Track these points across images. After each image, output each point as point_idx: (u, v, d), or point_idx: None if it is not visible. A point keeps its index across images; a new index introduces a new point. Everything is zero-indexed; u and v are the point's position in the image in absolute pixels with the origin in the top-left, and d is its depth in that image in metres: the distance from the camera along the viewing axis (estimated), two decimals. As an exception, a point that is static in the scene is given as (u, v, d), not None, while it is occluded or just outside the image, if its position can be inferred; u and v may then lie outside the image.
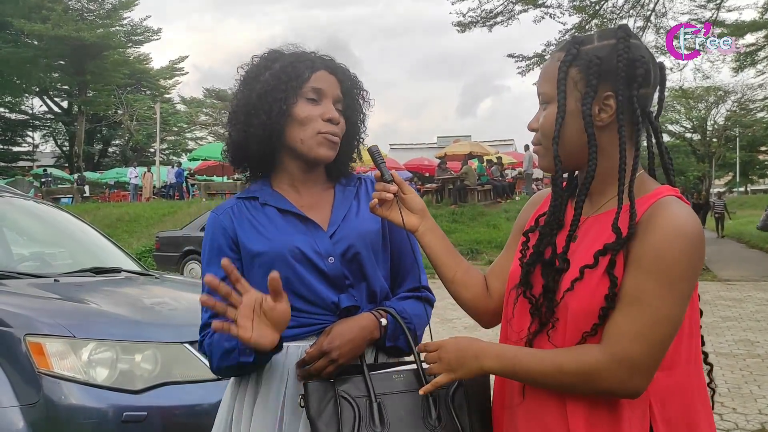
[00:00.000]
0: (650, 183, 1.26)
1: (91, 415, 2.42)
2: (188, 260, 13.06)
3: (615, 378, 1.11)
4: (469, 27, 18.62)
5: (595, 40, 1.24)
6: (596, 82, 1.20)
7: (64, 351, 2.49)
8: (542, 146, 1.30)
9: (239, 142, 1.56)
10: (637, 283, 1.12)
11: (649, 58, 1.23)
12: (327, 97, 1.54)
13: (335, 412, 1.38)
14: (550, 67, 1.27)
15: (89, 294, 3.11)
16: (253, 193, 1.58)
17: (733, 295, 10.31)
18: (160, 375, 2.59)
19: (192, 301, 3.50)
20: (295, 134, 1.51)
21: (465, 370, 1.24)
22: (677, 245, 1.11)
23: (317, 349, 1.42)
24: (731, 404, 4.80)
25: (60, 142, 45.24)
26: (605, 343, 1.13)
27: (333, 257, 1.50)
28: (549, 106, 1.27)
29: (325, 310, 1.49)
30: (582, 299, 1.17)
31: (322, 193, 1.60)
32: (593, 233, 1.23)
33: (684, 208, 1.17)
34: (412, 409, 1.40)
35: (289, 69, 1.52)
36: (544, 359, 1.17)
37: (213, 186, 25.98)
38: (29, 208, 4.36)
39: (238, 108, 1.55)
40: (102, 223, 18.46)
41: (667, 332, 1.12)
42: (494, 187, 21.14)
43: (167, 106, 42.61)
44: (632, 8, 17.96)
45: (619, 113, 1.20)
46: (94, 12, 37.47)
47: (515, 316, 1.32)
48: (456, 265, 1.46)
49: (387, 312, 1.52)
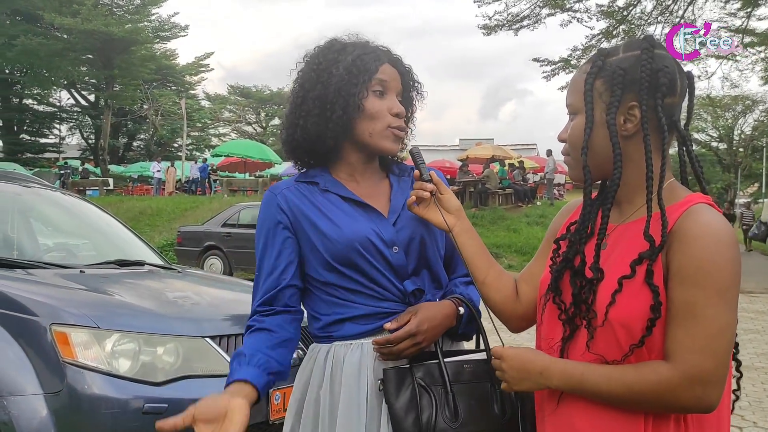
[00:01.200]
0: (681, 190, 1.26)
1: (112, 405, 2.45)
2: (208, 255, 13.18)
3: (691, 395, 1.12)
4: (494, 30, 18.55)
5: (621, 52, 1.26)
6: (620, 92, 1.22)
7: (88, 341, 2.53)
8: (571, 157, 1.32)
9: (315, 134, 1.54)
10: (686, 297, 1.12)
11: (675, 68, 1.23)
12: (391, 90, 1.56)
13: (413, 398, 1.42)
14: (578, 79, 1.30)
15: (114, 286, 3.15)
16: (312, 178, 1.59)
17: (757, 308, 10.18)
18: (181, 368, 2.62)
19: (214, 296, 3.54)
20: (365, 127, 1.53)
21: (529, 384, 1.25)
22: (719, 254, 1.12)
23: (406, 331, 1.44)
24: (752, 418, 4.74)
25: (86, 135, 45.84)
26: (672, 360, 1.13)
27: (397, 247, 1.52)
28: (576, 118, 1.29)
29: (393, 296, 1.52)
30: (623, 310, 1.17)
31: (378, 183, 1.62)
32: (625, 242, 1.23)
33: (717, 216, 1.17)
34: (480, 399, 1.46)
35: (359, 62, 1.52)
36: (613, 379, 1.16)
37: (235, 182, 26.15)
38: (56, 200, 4.42)
39: (309, 100, 1.54)
40: (125, 216, 18.67)
41: (728, 341, 1.13)
42: (515, 191, 21.06)
43: (192, 102, 42.98)
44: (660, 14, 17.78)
45: (643, 122, 1.21)
46: (123, 7, 37.89)
47: (544, 323, 1.34)
48: (489, 267, 1.47)
49: (463, 301, 1.56)
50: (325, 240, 1.50)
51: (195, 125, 44.19)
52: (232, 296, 3.58)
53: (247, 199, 20.03)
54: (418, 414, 1.41)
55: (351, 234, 1.50)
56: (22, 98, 42.35)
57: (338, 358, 1.51)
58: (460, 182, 20.87)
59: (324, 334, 1.55)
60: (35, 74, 38.46)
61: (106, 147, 34.97)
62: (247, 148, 27.99)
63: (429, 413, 1.41)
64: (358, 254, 1.49)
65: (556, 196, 22.59)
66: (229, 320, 2.95)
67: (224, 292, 3.75)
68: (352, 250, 1.49)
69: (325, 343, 1.54)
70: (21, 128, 42.95)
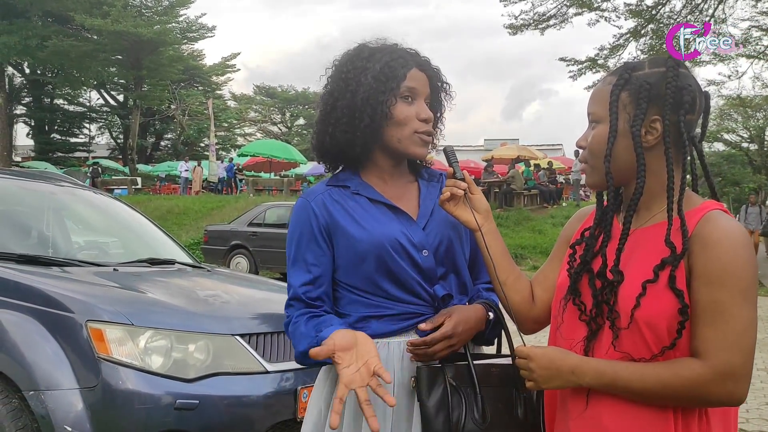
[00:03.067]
0: (695, 198, 1.34)
1: (146, 400, 2.51)
2: (235, 254, 13.31)
3: (723, 390, 1.19)
4: (521, 30, 18.43)
5: (646, 67, 1.32)
6: (646, 105, 1.28)
7: (122, 338, 2.59)
8: (589, 164, 1.38)
9: (344, 141, 1.57)
10: (713, 297, 1.19)
11: (696, 87, 1.31)
12: (420, 95, 1.59)
13: (444, 398, 1.45)
14: (602, 89, 1.36)
15: (146, 284, 3.21)
16: (343, 182, 1.63)
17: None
18: (212, 365, 2.67)
19: (243, 294, 3.59)
20: (393, 133, 1.56)
21: (559, 382, 1.29)
22: (740, 257, 1.20)
23: (442, 333, 1.47)
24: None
25: (115, 135, 46.51)
26: (704, 358, 1.19)
27: (427, 250, 1.55)
28: (598, 126, 1.35)
29: (421, 300, 1.55)
30: (647, 310, 1.22)
31: (407, 186, 1.66)
32: (643, 246, 1.29)
33: (733, 222, 1.27)
34: (506, 403, 1.49)
35: (387, 69, 1.55)
36: (646, 376, 1.21)
37: (260, 182, 26.36)
38: (88, 198, 4.52)
39: (338, 108, 1.57)
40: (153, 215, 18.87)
41: (753, 336, 1.20)
42: (541, 192, 20.91)
43: (218, 102, 43.36)
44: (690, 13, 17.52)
45: (665, 136, 1.27)
46: (151, 9, 38.36)
47: (564, 322, 1.38)
48: (510, 269, 1.52)
49: (491, 306, 1.59)
50: (356, 243, 1.53)
51: (221, 125, 44.60)
52: (261, 295, 3.63)
53: (273, 198, 20.20)
54: (449, 413, 1.44)
55: (381, 236, 1.53)
56: (53, 98, 43.09)
57: None
58: (484, 182, 20.78)
59: None
60: (66, 75, 39.09)
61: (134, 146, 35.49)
62: (273, 147, 28.20)
63: (459, 413, 1.45)
64: (388, 256, 1.52)
65: (582, 197, 22.37)
66: (258, 319, 2.99)
67: (253, 291, 3.80)
68: (383, 252, 1.52)
69: None
70: (52, 128, 43.70)
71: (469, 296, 1.64)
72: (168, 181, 33.18)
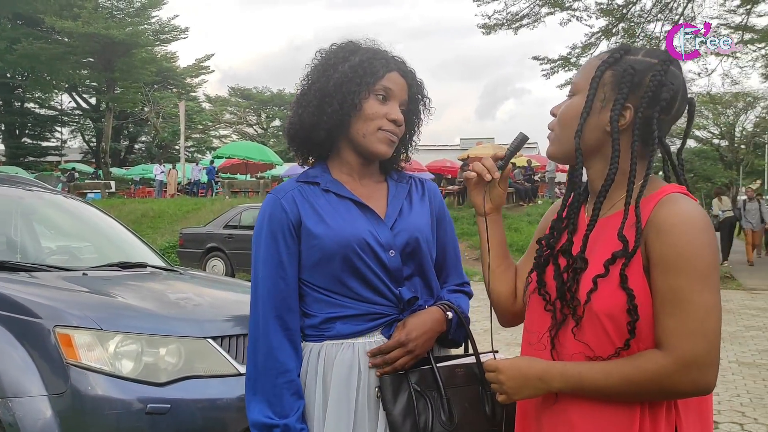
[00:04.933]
0: (657, 182, 1.29)
1: (116, 405, 2.48)
2: (211, 257, 13.22)
3: (688, 379, 1.14)
4: (494, 29, 18.54)
5: (641, 54, 1.29)
6: (627, 90, 1.24)
7: (91, 343, 2.55)
8: (555, 133, 1.35)
9: (309, 124, 1.58)
10: (671, 285, 1.15)
11: (678, 89, 1.27)
12: (395, 98, 1.59)
13: (410, 404, 1.45)
14: (591, 62, 1.33)
15: (116, 288, 3.18)
16: (313, 178, 1.62)
17: (758, 305, 10.17)
18: (184, 369, 2.64)
19: (215, 297, 3.57)
20: (359, 128, 1.56)
21: (529, 392, 1.27)
22: (697, 240, 1.16)
23: (396, 341, 1.49)
24: (753, 414, 4.76)
25: (88, 138, 45.92)
26: (666, 348, 1.16)
27: (394, 250, 1.55)
28: (574, 98, 1.32)
29: (386, 300, 1.54)
30: (605, 302, 1.20)
31: (376, 186, 1.66)
32: (604, 236, 1.26)
33: (691, 204, 1.21)
34: (472, 401, 1.50)
35: (366, 64, 1.56)
36: (611, 374, 1.18)
37: (236, 184, 26.19)
38: (58, 203, 4.45)
39: (311, 91, 1.59)
40: (127, 219, 18.69)
41: (716, 321, 1.15)
42: (517, 191, 21.03)
43: (193, 104, 43.02)
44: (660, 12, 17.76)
45: (635, 128, 1.25)
46: (123, 10, 37.93)
47: (530, 315, 1.37)
48: (503, 259, 1.52)
49: (451, 307, 1.59)
50: (322, 241, 1.53)
51: (196, 127, 44.23)
52: (233, 297, 3.60)
53: (249, 200, 20.06)
54: (416, 419, 1.44)
55: (348, 235, 1.52)
56: (23, 102, 42.43)
57: (330, 357, 1.53)
58: (460, 182, 20.86)
59: (316, 332, 1.56)
60: (37, 78, 38.50)
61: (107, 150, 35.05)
62: (248, 149, 28.04)
63: (425, 417, 1.45)
64: (355, 255, 1.51)
65: (557, 194, 22.55)
66: (231, 321, 2.97)
67: (226, 293, 3.77)
68: (349, 251, 1.51)
69: (316, 342, 1.56)
70: (23, 132, 43.02)
71: (434, 298, 1.64)
72: (143, 185, 32.84)
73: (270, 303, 1.54)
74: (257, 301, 1.57)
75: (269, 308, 1.54)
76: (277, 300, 1.54)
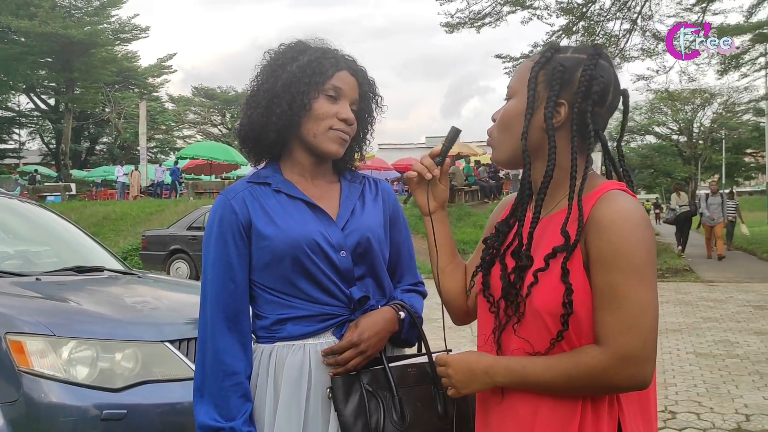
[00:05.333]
0: (597, 179, 1.31)
1: (70, 413, 2.43)
2: (174, 259, 13.05)
3: (624, 374, 1.16)
4: (457, 28, 18.65)
5: (570, 51, 1.31)
6: (558, 88, 1.26)
7: (44, 349, 2.50)
8: (495, 139, 1.37)
9: (259, 125, 1.58)
10: (608, 281, 1.17)
11: (609, 81, 1.29)
12: (345, 97, 1.59)
13: (362, 404, 1.46)
14: (524, 65, 1.35)
15: (71, 293, 3.12)
16: (264, 179, 1.61)
17: (715, 296, 10.43)
18: (141, 373, 2.61)
19: (173, 300, 3.53)
20: (310, 128, 1.56)
21: (477, 386, 1.29)
22: (633, 236, 1.17)
23: (348, 341, 1.49)
24: (709, 404, 4.88)
25: (47, 140, 44.93)
26: (602, 343, 1.17)
27: (345, 251, 1.55)
28: (511, 101, 1.34)
29: (337, 301, 1.54)
30: (547, 300, 1.21)
31: (329, 186, 1.65)
32: (548, 235, 1.28)
33: (629, 200, 1.23)
34: (424, 401, 1.51)
35: (315, 64, 1.56)
36: (552, 368, 1.20)
37: (201, 185, 25.90)
38: (13, 207, 4.36)
39: (260, 92, 1.58)
40: (88, 222, 18.37)
41: (652, 317, 1.17)
42: (482, 188, 21.23)
43: (155, 104, 42.38)
44: (619, 11, 18.07)
45: (572, 123, 1.26)
46: (81, 9, 37.21)
47: (479, 316, 1.39)
48: (452, 258, 1.53)
49: (403, 306, 1.60)
50: (272, 243, 1.52)
51: (159, 128, 43.59)
52: (192, 300, 3.55)
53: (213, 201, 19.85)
54: (367, 419, 1.45)
55: (298, 236, 1.52)
56: (-22, 103, 41.39)
57: (281, 359, 1.52)
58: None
59: (267, 334, 1.56)
60: (-8, 79, 37.59)
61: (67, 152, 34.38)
62: (213, 150, 27.77)
63: (377, 417, 1.46)
64: (305, 256, 1.51)
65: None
66: (190, 324, 2.93)
67: (184, 296, 3.72)
68: (299, 252, 1.51)
69: (267, 344, 1.56)
70: (-21, 135, 41.99)
71: (387, 299, 1.65)
72: (104, 187, 32.27)
73: (219, 305, 1.53)
74: (206, 304, 1.55)
75: (218, 310, 1.53)
76: (225, 302, 1.53)
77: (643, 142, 48.49)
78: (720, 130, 42.94)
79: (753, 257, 15.99)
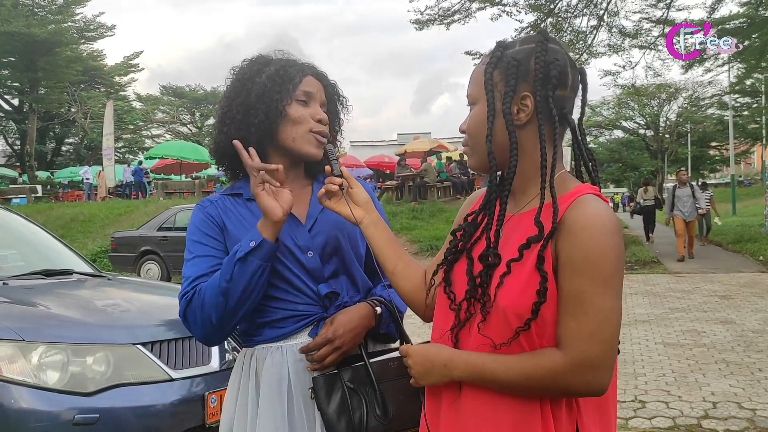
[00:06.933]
0: (571, 182, 1.31)
1: (41, 418, 2.41)
2: (145, 260, 12.89)
3: (581, 380, 1.17)
4: (426, 25, 18.70)
5: (518, 45, 1.31)
6: (515, 82, 1.26)
7: (13, 355, 2.47)
8: (469, 147, 1.36)
9: (237, 139, 1.57)
10: (574, 286, 1.16)
11: (565, 62, 1.28)
12: (315, 100, 1.64)
13: (344, 402, 1.48)
14: (477, 70, 1.35)
15: (39, 297, 3.08)
16: (237, 190, 1.67)
17: (683, 287, 10.62)
18: (113, 377, 2.59)
19: (145, 302, 3.49)
20: (288, 133, 1.60)
21: (435, 378, 1.28)
22: (604, 244, 1.16)
23: (323, 338, 1.51)
24: (677, 392, 4.98)
25: (11, 141, 43.98)
26: (562, 348, 1.17)
27: (312, 251, 1.59)
28: (474, 108, 1.34)
29: (308, 298, 1.58)
30: (512, 295, 1.20)
31: (301, 189, 1.69)
32: (519, 232, 1.26)
33: (603, 206, 1.22)
34: (407, 393, 1.52)
35: (282, 72, 1.61)
36: (511, 368, 1.19)
37: (170, 185, 25.61)
38: (-23, 210, 4.27)
39: (233, 107, 1.61)
40: (55, 224, 18.05)
41: (614, 326, 1.17)
42: (454, 184, 21.35)
43: (122, 103, 41.75)
44: (585, 7, 18.29)
45: (537, 113, 1.26)
46: (44, 7, 36.42)
47: (437, 311, 1.37)
48: (397, 258, 1.51)
49: (380, 302, 1.62)
50: None
51: (127, 127, 42.96)
52: (164, 302, 3.53)
53: (184, 201, 19.68)
54: (350, 416, 1.47)
55: None
56: (-61, 104, 40.35)
57: (260, 361, 1.57)
58: (398, 177, 21.01)
59: (247, 338, 1.62)
60: (-47, 79, 36.70)
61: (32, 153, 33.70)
62: (182, 149, 27.47)
63: (360, 414, 1.48)
64: (275, 258, 1.53)
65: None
66: (162, 326, 2.92)
67: (155, 298, 3.70)
68: None
69: (248, 347, 1.61)
70: (-60, 136, 40.94)
71: (364, 295, 1.67)
72: (71, 188, 31.71)
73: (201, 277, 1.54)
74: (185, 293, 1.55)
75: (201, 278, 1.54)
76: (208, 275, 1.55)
77: (611, 137, 49.23)
78: (685, 124, 43.78)
79: (719, 248, 16.30)
